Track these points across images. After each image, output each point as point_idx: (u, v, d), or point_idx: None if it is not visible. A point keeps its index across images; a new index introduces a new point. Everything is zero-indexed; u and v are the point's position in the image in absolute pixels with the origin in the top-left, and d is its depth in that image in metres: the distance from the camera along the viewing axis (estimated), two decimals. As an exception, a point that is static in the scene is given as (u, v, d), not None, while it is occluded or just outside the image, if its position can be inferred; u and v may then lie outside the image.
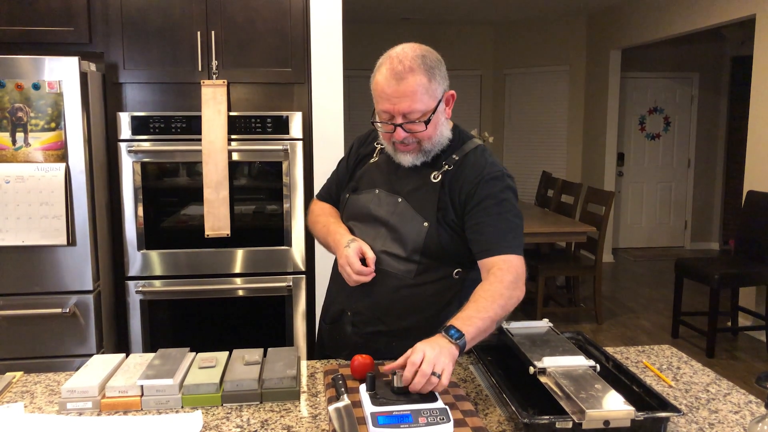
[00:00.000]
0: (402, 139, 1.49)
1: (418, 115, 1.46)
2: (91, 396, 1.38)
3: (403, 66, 1.43)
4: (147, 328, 2.82)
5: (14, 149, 2.45)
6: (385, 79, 1.44)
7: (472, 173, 1.53)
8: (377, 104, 1.49)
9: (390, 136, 1.50)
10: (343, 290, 1.62)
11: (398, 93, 1.43)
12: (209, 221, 2.74)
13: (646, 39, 6.08)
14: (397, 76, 1.42)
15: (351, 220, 1.64)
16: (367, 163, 1.67)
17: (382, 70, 1.46)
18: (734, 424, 1.30)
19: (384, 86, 1.44)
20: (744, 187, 4.60)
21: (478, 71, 7.91)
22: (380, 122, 1.50)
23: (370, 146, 1.70)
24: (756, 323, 4.54)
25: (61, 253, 2.53)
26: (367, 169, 1.66)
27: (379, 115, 1.50)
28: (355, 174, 1.69)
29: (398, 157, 1.55)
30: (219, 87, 2.72)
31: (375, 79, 1.48)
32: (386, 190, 1.59)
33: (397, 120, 1.46)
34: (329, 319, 1.72)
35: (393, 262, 1.54)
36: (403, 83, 1.42)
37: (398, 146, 1.52)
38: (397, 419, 1.18)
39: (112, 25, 2.69)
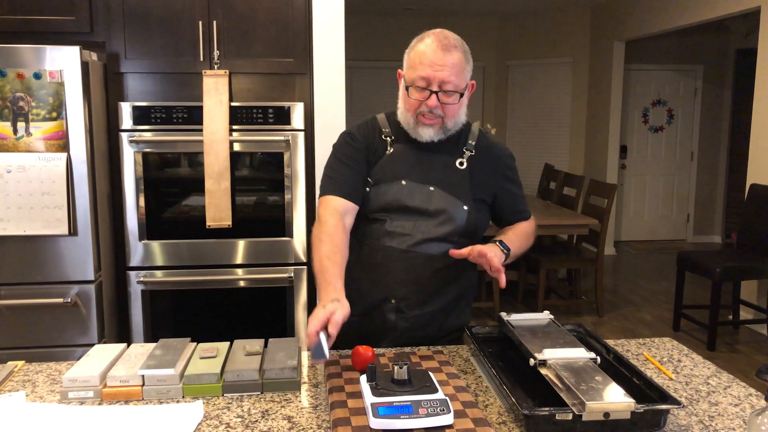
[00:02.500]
0: (432, 108, 1.56)
1: (451, 88, 1.55)
2: (92, 385, 1.38)
3: (449, 41, 1.55)
4: (148, 318, 2.83)
5: (15, 139, 2.44)
6: (430, 47, 1.54)
7: (494, 154, 1.72)
8: (415, 71, 1.55)
9: (418, 104, 1.57)
10: (385, 278, 1.66)
11: (442, 61, 1.52)
12: (210, 212, 2.74)
13: (649, 31, 6.05)
14: (444, 47, 1.53)
15: (380, 212, 1.65)
16: (384, 156, 1.68)
17: (426, 41, 1.55)
18: (734, 416, 1.30)
19: (428, 53, 1.53)
20: (747, 181, 4.58)
21: (482, 62, 7.88)
22: (416, 87, 1.56)
23: (377, 137, 1.70)
24: (757, 316, 4.53)
25: (63, 243, 2.53)
26: (386, 162, 1.67)
27: (413, 83, 1.56)
28: (373, 169, 1.67)
29: (418, 131, 1.61)
30: (220, 77, 2.71)
31: (416, 48, 1.57)
32: (414, 181, 1.64)
33: (433, 87, 1.54)
34: (361, 311, 1.66)
35: (435, 246, 1.64)
36: (448, 54, 1.53)
37: (422, 119, 1.59)
38: (398, 410, 1.19)
39: (113, 15, 2.68)
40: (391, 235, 1.64)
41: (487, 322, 4.54)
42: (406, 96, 1.60)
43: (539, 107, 7.61)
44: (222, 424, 1.28)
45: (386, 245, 1.65)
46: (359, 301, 1.65)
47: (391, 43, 7.67)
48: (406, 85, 1.59)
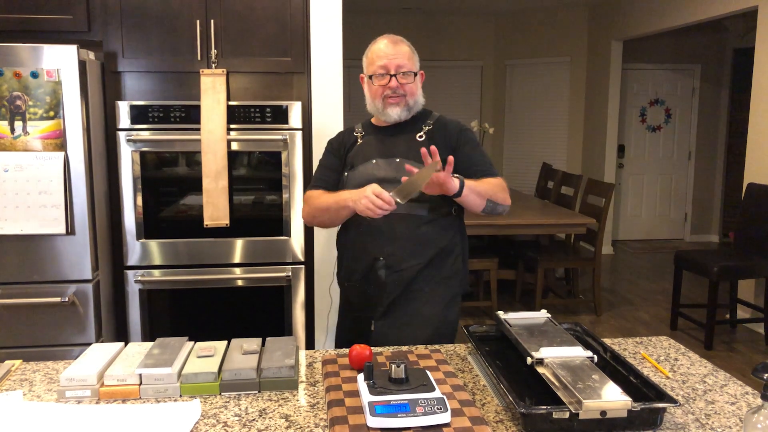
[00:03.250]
0: (394, 89, 1.91)
1: (406, 70, 1.92)
2: (89, 384, 1.38)
3: (396, 38, 1.96)
4: (146, 317, 2.82)
5: (13, 138, 2.44)
6: (383, 43, 1.94)
7: (451, 127, 2.01)
8: (374, 64, 1.92)
9: (382, 90, 1.92)
10: (372, 241, 1.91)
11: (394, 51, 1.92)
12: (208, 211, 2.74)
13: (647, 30, 6.06)
14: (393, 41, 1.94)
15: (359, 187, 1.85)
16: (355, 147, 2.01)
17: (378, 41, 1.95)
18: (731, 414, 1.31)
19: (383, 48, 1.92)
20: (744, 180, 4.59)
21: (479, 62, 7.88)
22: (378, 75, 1.91)
23: (349, 135, 2.05)
24: (754, 315, 4.54)
25: (60, 242, 2.53)
26: (358, 150, 1.99)
27: (375, 72, 1.92)
28: (345, 159, 2.01)
29: (387, 111, 1.94)
30: (218, 76, 2.71)
31: (371, 49, 1.95)
32: (382, 157, 1.94)
33: (392, 72, 1.91)
34: (358, 275, 1.96)
35: (411, 205, 1.88)
36: (397, 46, 1.93)
37: (388, 100, 1.92)
38: (395, 408, 1.19)
39: (110, 14, 2.68)
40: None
41: (484, 321, 4.54)
42: (371, 86, 1.96)
43: (537, 107, 7.61)
44: (219, 422, 1.28)
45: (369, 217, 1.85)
46: (355, 267, 1.96)
47: (389, 42, 7.67)
48: (370, 76, 1.94)
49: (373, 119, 2.05)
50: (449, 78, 7.84)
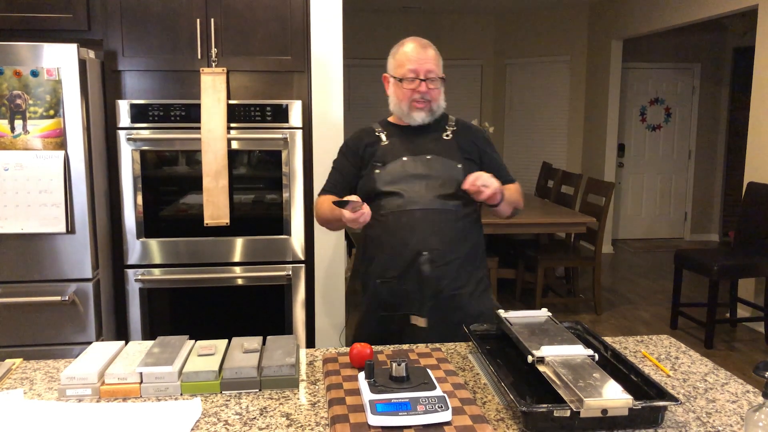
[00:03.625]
0: (423, 94, 1.95)
1: (434, 75, 1.95)
2: (90, 383, 1.38)
3: (425, 42, 1.98)
4: (146, 316, 2.82)
5: (13, 137, 2.44)
6: (412, 48, 1.96)
7: (475, 132, 2.10)
8: (404, 67, 1.95)
9: (411, 93, 1.95)
10: (414, 235, 1.91)
11: (424, 56, 1.94)
12: (208, 210, 2.73)
13: (647, 29, 6.06)
14: (423, 46, 1.97)
15: (392, 183, 1.94)
16: (380, 146, 2.02)
17: (408, 44, 1.97)
18: (732, 413, 1.31)
19: (413, 52, 1.95)
20: (744, 179, 4.59)
21: (479, 61, 7.88)
22: (407, 79, 1.94)
23: (369, 135, 2.06)
24: (754, 314, 4.54)
25: (60, 241, 2.53)
26: (386, 149, 2.00)
27: (404, 76, 1.95)
28: (369, 158, 2.01)
29: (412, 115, 1.98)
30: (218, 75, 2.71)
31: (400, 51, 1.98)
32: (412, 155, 1.98)
33: (421, 76, 1.94)
34: (395, 272, 1.93)
35: (446, 201, 1.94)
36: (427, 51, 1.96)
37: (414, 104, 1.96)
38: (396, 407, 1.19)
39: (111, 12, 2.68)
40: (408, 201, 1.92)
41: (485, 320, 4.53)
42: (399, 89, 1.98)
43: (537, 106, 7.61)
44: (220, 421, 1.28)
45: (407, 209, 1.92)
46: (395, 263, 1.93)
47: (389, 41, 7.63)
48: (399, 79, 1.97)
49: (391, 118, 2.08)
50: (449, 77, 7.75)
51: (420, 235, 1.90)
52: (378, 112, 9.33)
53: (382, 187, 1.94)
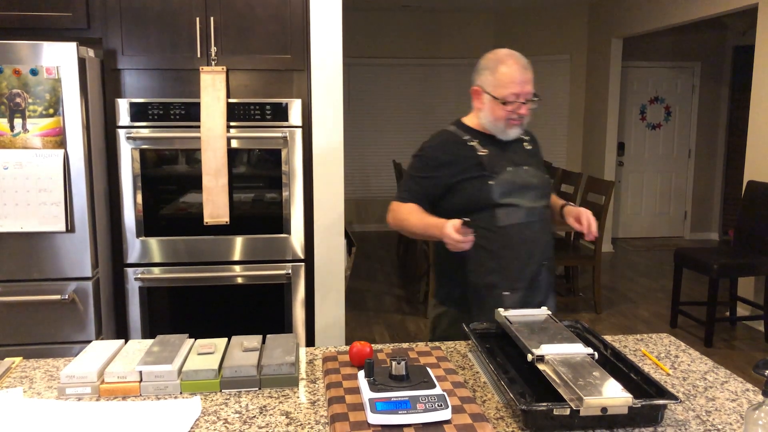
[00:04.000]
0: (522, 115, 1.96)
1: (531, 97, 1.96)
2: (90, 381, 1.38)
3: (524, 61, 1.97)
4: (146, 315, 2.82)
5: (12, 135, 2.44)
6: (515, 69, 1.94)
7: (537, 140, 2.17)
8: (507, 88, 1.92)
9: (508, 113, 1.94)
10: (537, 246, 1.97)
11: (527, 78, 1.95)
12: (208, 209, 2.73)
13: (647, 28, 6.05)
14: (524, 66, 1.96)
15: (507, 195, 1.94)
16: (481, 156, 1.97)
17: (509, 63, 1.95)
18: (731, 411, 1.31)
19: (516, 74, 1.93)
20: (744, 178, 4.59)
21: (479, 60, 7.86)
22: (510, 102, 1.93)
23: (461, 145, 2.00)
24: (754, 313, 4.54)
25: (60, 239, 2.53)
26: (490, 159, 1.97)
27: (506, 98, 1.93)
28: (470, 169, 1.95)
29: (507, 132, 1.99)
30: (218, 74, 2.71)
31: (502, 70, 1.94)
32: (513, 166, 1.99)
33: (521, 99, 1.94)
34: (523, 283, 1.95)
35: (546, 210, 2.04)
36: (527, 72, 1.96)
37: (511, 122, 1.96)
38: (396, 405, 1.19)
39: (110, 11, 2.67)
40: (528, 213, 1.95)
41: (484, 319, 4.54)
42: (497, 108, 1.95)
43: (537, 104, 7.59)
44: (220, 419, 1.28)
45: (528, 221, 1.95)
46: (522, 274, 1.95)
47: (388, 39, 7.67)
48: (501, 101, 1.93)
49: (471, 124, 2.04)
50: (449, 76, 7.83)
51: (541, 246, 1.98)
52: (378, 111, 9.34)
53: (499, 198, 1.93)
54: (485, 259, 1.93)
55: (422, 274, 4.98)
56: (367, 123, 7.70)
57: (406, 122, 7.82)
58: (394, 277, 5.84)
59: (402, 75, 7.75)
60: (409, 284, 5.59)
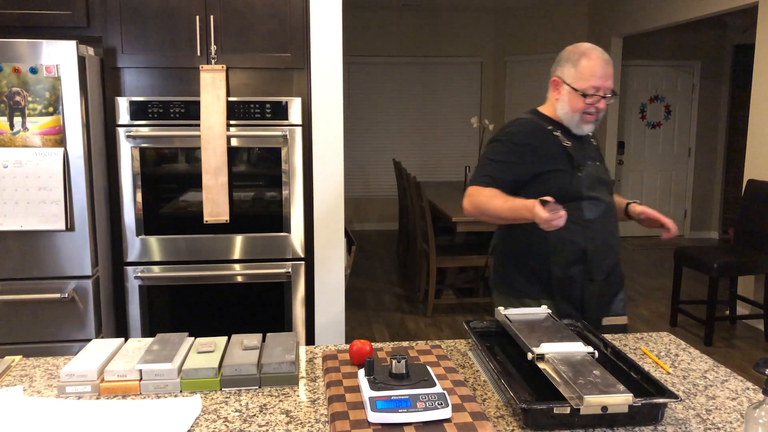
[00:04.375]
0: (600, 109, 1.94)
1: (610, 93, 1.94)
2: (89, 380, 1.38)
3: (606, 56, 1.96)
4: (146, 313, 2.82)
5: (12, 134, 2.43)
6: (598, 63, 1.92)
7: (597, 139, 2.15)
8: (587, 81, 1.91)
9: (586, 106, 1.93)
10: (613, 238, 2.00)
11: (608, 73, 1.93)
12: (208, 207, 2.73)
13: (647, 26, 6.05)
14: (607, 61, 1.94)
15: (592, 188, 1.95)
16: (566, 147, 1.96)
17: (593, 57, 1.93)
18: (731, 410, 1.31)
19: (598, 68, 1.91)
20: (744, 176, 4.59)
21: (479, 58, 7.87)
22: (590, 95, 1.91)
23: (546, 134, 1.98)
24: (754, 312, 4.55)
25: (60, 238, 2.53)
26: (575, 151, 1.97)
27: (586, 91, 1.91)
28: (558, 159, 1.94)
29: (582, 127, 1.97)
30: (218, 72, 2.71)
31: (584, 63, 1.93)
32: (591, 160, 2.00)
33: (601, 93, 1.92)
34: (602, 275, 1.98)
35: (615, 208, 2.05)
36: (609, 67, 1.94)
37: (586, 117, 1.95)
38: (396, 404, 1.19)
39: (110, 9, 2.67)
40: (608, 207, 1.99)
41: (484, 317, 4.54)
42: (576, 101, 1.93)
43: (537, 103, 7.53)
44: (220, 418, 1.28)
45: (610, 215, 1.99)
46: (601, 266, 1.96)
47: (388, 38, 7.66)
48: (581, 93, 1.92)
49: (548, 113, 2.03)
50: (449, 74, 7.82)
51: (617, 239, 2.02)
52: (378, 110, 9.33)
53: (586, 191, 1.93)
54: (571, 252, 1.93)
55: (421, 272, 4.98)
56: (366, 121, 7.69)
57: (406, 121, 7.81)
58: (394, 276, 5.84)
59: (402, 73, 7.75)
60: (409, 283, 5.59)
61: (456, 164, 7.81)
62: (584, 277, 1.95)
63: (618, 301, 2.03)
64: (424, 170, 7.81)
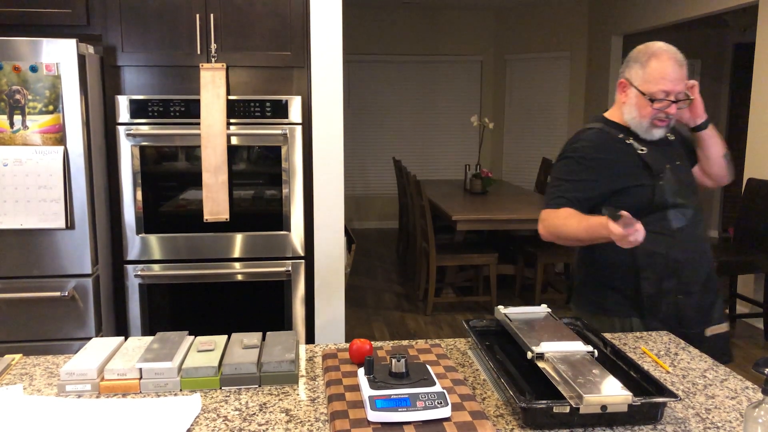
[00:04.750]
0: (669, 115, 1.83)
1: (683, 96, 1.83)
2: (89, 378, 1.38)
3: (678, 57, 1.84)
4: (146, 312, 2.83)
5: (12, 132, 2.43)
6: (668, 65, 1.81)
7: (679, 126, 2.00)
8: (656, 85, 1.80)
9: (654, 112, 1.82)
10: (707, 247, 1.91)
11: (680, 76, 1.81)
12: (208, 206, 2.73)
13: (648, 25, 6.04)
14: (679, 64, 1.82)
15: (677, 195, 1.85)
16: (641, 154, 1.86)
17: (663, 58, 1.82)
18: (731, 409, 1.31)
19: (668, 71, 1.80)
20: (744, 175, 4.59)
21: (479, 57, 7.86)
22: (659, 99, 1.81)
23: (620, 144, 1.89)
24: (754, 311, 4.55)
25: (60, 236, 2.53)
26: (652, 157, 1.86)
27: (654, 95, 1.81)
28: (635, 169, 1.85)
29: (651, 132, 1.86)
30: (218, 70, 2.71)
31: (653, 65, 1.82)
32: (671, 163, 1.88)
33: (671, 98, 1.81)
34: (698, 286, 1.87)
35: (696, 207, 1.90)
36: (682, 70, 1.82)
37: (656, 122, 1.84)
38: (395, 403, 1.19)
39: (110, 7, 2.67)
40: (696, 212, 1.87)
41: (484, 316, 4.54)
42: (643, 105, 1.83)
43: (537, 101, 7.60)
44: (220, 417, 1.28)
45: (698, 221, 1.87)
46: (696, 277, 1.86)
47: (388, 36, 7.65)
48: (649, 98, 1.82)
49: (616, 119, 1.94)
50: (449, 73, 7.82)
51: (708, 245, 1.92)
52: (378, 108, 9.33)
53: (671, 199, 1.83)
54: (660, 265, 1.83)
55: (421, 270, 4.98)
56: (367, 120, 7.69)
57: (406, 119, 7.81)
58: (394, 274, 5.84)
59: (402, 72, 7.75)
60: (409, 281, 5.59)
61: (456, 163, 7.81)
62: (680, 290, 1.84)
63: (718, 309, 1.92)
64: (424, 169, 7.81)
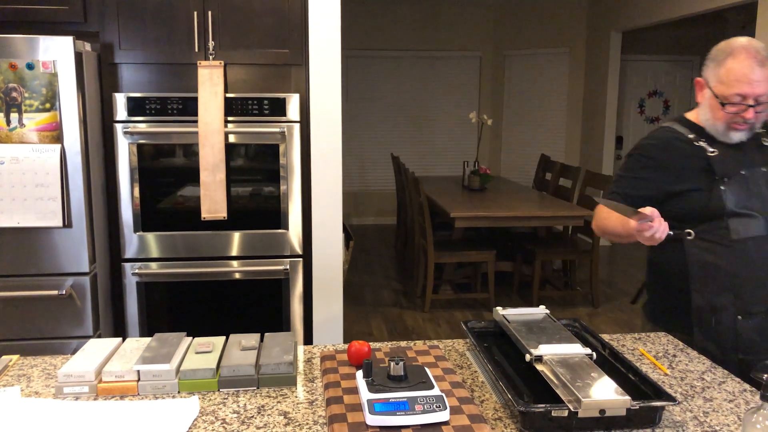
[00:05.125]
0: (746, 119, 1.68)
1: (765, 99, 1.66)
2: (87, 381, 1.38)
3: (761, 55, 1.66)
4: (143, 310, 2.82)
5: (8, 130, 2.42)
6: (746, 65, 1.65)
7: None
8: (731, 88, 1.67)
9: (729, 116, 1.69)
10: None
11: (759, 77, 1.64)
12: (206, 204, 2.73)
13: (646, 21, 6.03)
14: (760, 63, 1.64)
15: (743, 203, 1.70)
16: (710, 157, 1.74)
17: (740, 58, 1.66)
18: (729, 412, 1.31)
19: (745, 71, 1.64)
20: None
21: (478, 52, 7.85)
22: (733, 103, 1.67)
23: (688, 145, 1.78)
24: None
25: (57, 234, 2.52)
26: (721, 161, 1.73)
27: (728, 99, 1.67)
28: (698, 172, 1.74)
29: (729, 135, 1.73)
30: (215, 68, 2.69)
31: (728, 65, 1.68)
32: (748, 168, 1.73)
33: (749, 102, 1.66)
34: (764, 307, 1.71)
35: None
36: (763, 70, 1.64)
37: (734, 125, 1.70)
38: (394, 406, 1.19)
39: (107, 4, 2.65)
40: (766, 223, 1.71)
41: (481, 313, 4.55)
42: (717, 108, 1.71)
43: (535, 98, 7.59)
44: (218, 419, 1.28)
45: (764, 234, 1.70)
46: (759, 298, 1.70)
47: (387, 32, 7.63)
48: (721, 101, 1.69)
49: (694, 119, 1.83)
50: (448, 68, 7.80)
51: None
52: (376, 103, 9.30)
53: (733, 206, 1.70)
54: (714, 278, 1.71)
55: (419, 267, 4.98)
56: (365, 115, 7.68)
57: (404, 115, 7.80)
58: (392, 271, 5.84)
59: (400, 67, 7.73)
60: (407, 278, 5.59)
61: (454, 159, 7.80)
62: (734, 309, 1.70)
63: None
64: (422, 165, 7.81)
